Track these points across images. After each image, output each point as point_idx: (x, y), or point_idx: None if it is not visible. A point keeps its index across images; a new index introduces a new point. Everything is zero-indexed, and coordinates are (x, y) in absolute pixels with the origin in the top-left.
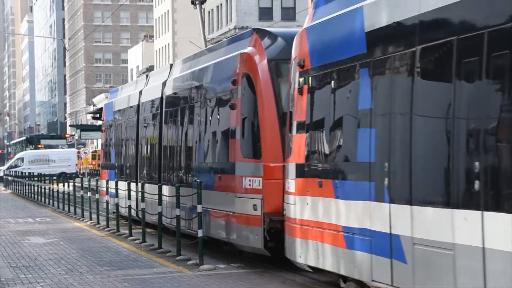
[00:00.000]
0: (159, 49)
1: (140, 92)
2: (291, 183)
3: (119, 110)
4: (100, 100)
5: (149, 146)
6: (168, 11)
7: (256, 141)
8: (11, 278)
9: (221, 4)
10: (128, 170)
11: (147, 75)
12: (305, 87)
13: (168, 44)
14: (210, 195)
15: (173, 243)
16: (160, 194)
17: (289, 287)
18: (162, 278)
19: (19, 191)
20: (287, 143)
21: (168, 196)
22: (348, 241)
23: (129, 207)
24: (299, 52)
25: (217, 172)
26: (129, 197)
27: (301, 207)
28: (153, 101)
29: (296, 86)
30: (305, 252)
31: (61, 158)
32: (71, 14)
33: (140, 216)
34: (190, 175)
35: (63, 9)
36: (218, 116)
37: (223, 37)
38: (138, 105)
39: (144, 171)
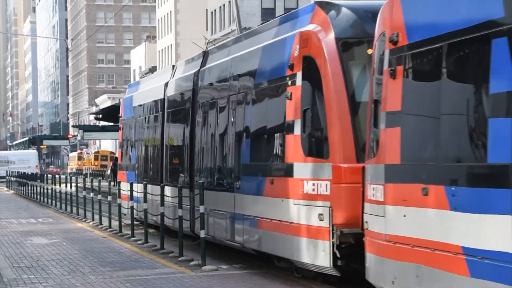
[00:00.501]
0: (162, 49)
1: (166, 85)
2: (378, 190)
3: (140, 106)
4: (102, 101)
5: (177, 145)
6: (170, 11)
7: (321, 137)
8: (13, 279)
9: (223, 5)
10: (151, 172)
11: (173, 66)
12: (400, 68)
13: (171, 44)
14: (258, 201)
15: (175, 244)
16: (192, 198)
17: (291, 287)
18: (164, 279)
19: (22, 192)
20: (369, 139)
21: (191, 203)
22: (473, 268)
23: (162, 215)
24: (389, 25)
25: (268, 175)
26: (163, 203)
27: (394, 220)
28: (182, 94)
29: (386, 67)
30: (401, 278)
31: (20, 159)
32: (73, 15)
33: (175, 225)
34: (230, 178)
35: (66, 9)
36: (268, 109)
37: (225, 38)
38: (164, 99)
39: (171, 174)
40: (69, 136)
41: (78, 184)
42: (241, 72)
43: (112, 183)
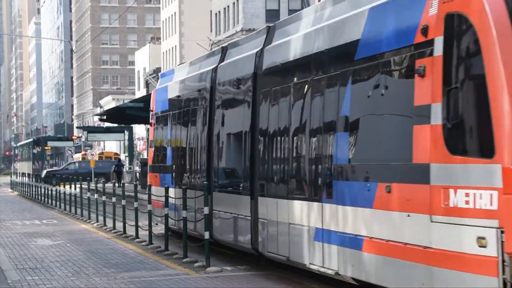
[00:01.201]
0: (166, 51)
1: (214, 70)
2: None
3: (178, 97)
4: (107, 102)
5: (231, 142)
6: (175, 13)
7: (481, 128)
8: (17, 280)
9: (228, 6)
10: (194, 175)
11: (222, 48)
12: None
13: (175, 46)
14: (363, 215)
15: (179, 245)
16: (253, 207)
17: None
18: (168, 280)
19: (26, 193)
20: None
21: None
22: None
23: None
24: None
25: (381, 180)
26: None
27: None
28: (238, 80)
29: None
30: None
31: None
32: (78, 16)
33: (236, 242)
34: (314, 183)
35: (71, 11)
36: (380, 90)
37: (230, 39)
38: (212, 87)
39: (223, 177)
40: (73, 137)
41: (83, 185)
42: (332, 46)
43: (116, 185)
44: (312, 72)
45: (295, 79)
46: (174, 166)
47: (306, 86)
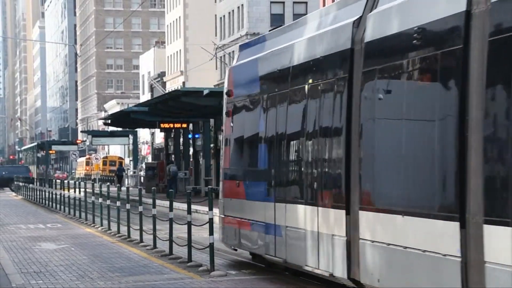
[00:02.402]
0: (171, 55)
1: (356, 24)
2: None
3: (279, 72)
4: (111, 106)
5: (397, 135)
6: (180, 17)
7: None
8: (22, 284)
9: (232, 11)
10: (315, 184)
11: None
12: None
13: (180, 50)
14: None
15: (184, 249)
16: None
17: None
18: (173, 284)
19: (30, 197)
20: None
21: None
22: None
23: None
24: None
25: None
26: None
27: None
28: (411, 35)
29: None
30: None
31: None
32: (82, 20)
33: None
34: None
35: (75, 15)
36: None
37: (234, 43)
38: (352, 50)
39: (381, 188)
40: (78, 141)
41: (87, 190)
42: None
43: (118, 188)
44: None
45: None
46: (273, 170)
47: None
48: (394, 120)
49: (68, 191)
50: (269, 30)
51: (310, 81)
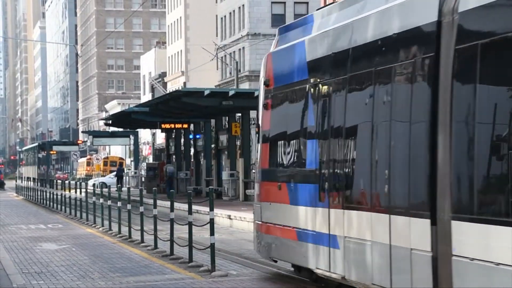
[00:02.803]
0: (172, 55)
1: None
2: None
3: (335, 55)
4: (112, 107)
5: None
6: (180, 17)
7: None
8: (23, 285)
9: (233, 11)
10: (387, 188)
11: None
12: None
13: (181, 50)
14: None
15: (184, 250)
16: None
17: None
18: (174, 285)
19: (31, 197)
20: None
21: None
22: None
23: None
24: None
25: None
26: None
27: None
28: None
29: None
30: None
31: None
32: (83, 20)
33: None
34: None
35: (76, 15)
36: None
37: (235, 44)
38: (439, 23)
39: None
40: (78, 141)
41: (88, 190)
42: None
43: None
44: None
45: None
46: (326, 171)
47: None
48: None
49: (69, 191)
50: (317, 9)
51: (379, 64)
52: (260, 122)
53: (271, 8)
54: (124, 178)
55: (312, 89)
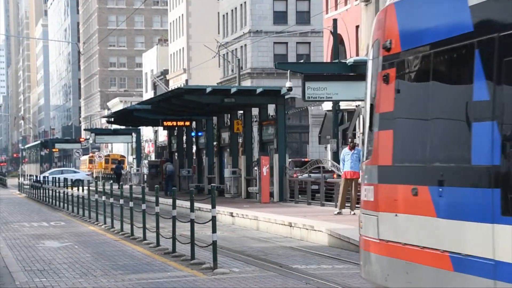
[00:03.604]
0: (174, 53)
1: None
2: None
3: None
4: (114, 104)
5: None
6: (182, 15)
7: None
8: (25, 282)
9: (235, 8)
10: None
11: None
12: None
13: (183, 48)
14: None
15: (187, 247)
16: None
17: None
18: (176, 282)
19: (34, 195)
20: None
21: None
22: None
23: None
24: None
25: None
26: None
27: None
28: None
29: None
30: None
31: None
32: (85, 18)
33: None
34: None
35: (78, 13)
36: None
37: (237, 41)
38: None
39: None
40: (81, 139)
41: (90, 187)
42: None
43: (116, 186)
44: None
45: None
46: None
47: None
48: None
49: (72, 189)
50: None
51: None
52: (373, 102)
53: (273, 5)
54: (122, 176)
55: (481, 47)
